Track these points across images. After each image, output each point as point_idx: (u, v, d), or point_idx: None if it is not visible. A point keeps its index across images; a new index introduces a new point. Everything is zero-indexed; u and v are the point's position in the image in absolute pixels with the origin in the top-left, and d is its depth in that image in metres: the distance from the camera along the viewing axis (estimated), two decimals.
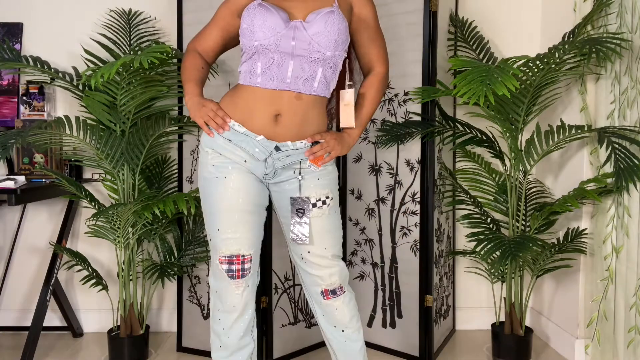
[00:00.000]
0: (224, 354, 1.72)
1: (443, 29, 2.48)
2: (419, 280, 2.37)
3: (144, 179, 2.48)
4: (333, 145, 1.69)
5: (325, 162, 1.69)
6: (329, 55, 1.61)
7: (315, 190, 1.68)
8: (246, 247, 1.66)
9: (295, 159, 1.67)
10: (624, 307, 2.06)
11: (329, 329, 1.76)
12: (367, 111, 1.76)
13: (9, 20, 2.68)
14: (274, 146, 1.64)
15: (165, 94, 2.41)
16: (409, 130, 2.32)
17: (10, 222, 2.76)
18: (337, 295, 1.72)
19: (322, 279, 1.70)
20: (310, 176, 1.68)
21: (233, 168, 1.65)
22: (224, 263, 1.66)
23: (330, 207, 1.70)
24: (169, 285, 2.72)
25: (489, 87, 1.74)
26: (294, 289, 2.43)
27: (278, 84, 1.61)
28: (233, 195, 1.64)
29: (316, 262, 1.70)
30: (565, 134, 2.15)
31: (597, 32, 2.20)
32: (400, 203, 2.42)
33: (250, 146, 1.64)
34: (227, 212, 1.64)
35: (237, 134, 1.64)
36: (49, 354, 2.50)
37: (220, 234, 1.65)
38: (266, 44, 1.59)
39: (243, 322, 1.70)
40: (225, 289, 1.67)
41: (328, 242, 1.70)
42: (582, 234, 2.29)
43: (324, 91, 1.66)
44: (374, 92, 1.76)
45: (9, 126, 2.57)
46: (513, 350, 2.32)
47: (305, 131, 1.66)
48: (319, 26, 1.59)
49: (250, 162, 1.65)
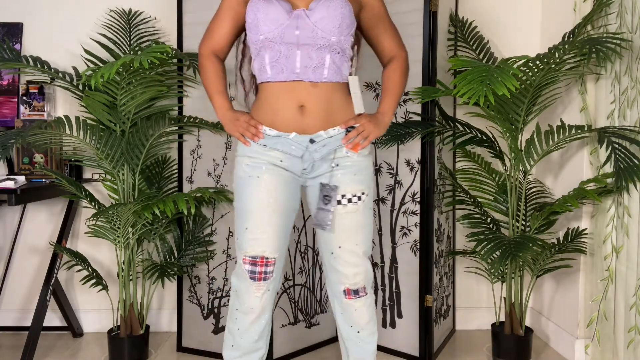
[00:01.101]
0: (235, 354, 1.71)
1: (443, 29, 2.48)
2: (419, 280, 2.37)
3: (144, 179, 2.48)
4: (369, 128, 1.67)
5: (364, 146, 1.68)
6: (335, 41, 1.61)
7: (352, 185, 1.67)
8: (271, 249, 1.66)
9: (331, 147, 1.66)
10: (624, 307, 2.06)
11: (345, 328, 1.76)
12: (396, 92, 1.74)
13: (9, 20, 2.68)
14: (308, 140, 1.64)
15: (165, 94, 2.41)
16: (409, 130, 2.32)
17: (10, 222, 2.76)
18: (359, 296, 1.72)
19: (347, 277, 1.70)
20: (347, 170, 1.67)
21: (267, 169, 1.65)
22: (247, 263, 1.65)
23: (365, 204, 1.69)
24: (169, 285, 2.72)
25: (489, 87, 1.74)
26: (294, 289, 2.43)
27: (288, 75, 1.61)
28: (264, 195, 1.64)
29: (346, 258, 1.69)
30: (565, 134, 2.15)
31: (597, 32, 2.20)
32: (400, 203, 2.42)
33: (285, 146, 1.64)
34: (257, 212, 1.64)
35: (270, 137, 1.65)
36: (49, 354, 2.50)
37: (247, 234, 1.65)
38: (271, 36, 1.59)
39: (259, 325, 1.69)
40: (246, 290, 1.67)
41: (360, 237, 1.69)
42: (582, 234, 2.29)
43: (335, 77, 1.65)
44: (399, 74, 1.75)
45: (9, 126, 2.57)
46: (513, 350, 2.32)
47: (334, 118, 1.65)
48: (321, 12, 1.59)
49: (287, 161, 1.65)
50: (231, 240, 2.42)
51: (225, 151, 2.42)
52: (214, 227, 2.45)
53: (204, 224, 2.47)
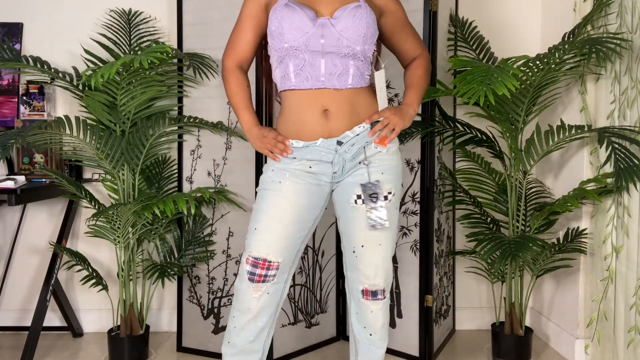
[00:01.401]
0: (230, 351, 1.71)
1: (443, 29, 2.48)
2: (419, 280, 2.37)
3: (144, 179, 2.48)
4: (395, 120, 1.66)
5: (391, 139, 1.67)
6: (359, 50, 1.61)
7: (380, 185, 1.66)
8: (276, 253, 1.64)
9: (359, 145, 1.65)
10: (624, 307, 2.06)
11: (358, 329, 1.76)
12: (421, 85, 1.75)
13: (9, 20, 2.68)
14: (335, 142, 1.64)
15: (165, 94, 2.41)
16: (409, 130, 2.32)
17: (10, 222, 2.76)
18: (377, 298, 1.71)
19: (367, 277, 1.69)
20: (376, 169, 1.66)
21: (291, 175, 1.65)
22: (249, 264, 1.64)
23: (392, 203, 1.69)
24: (169, 285, 2.72)
25: (489, 87, 1.74)
26: (294, 289, 2.43)
27: (313, 83, 1.61)
28: (281, 200, 1.64)
29: (368, 257, 1.68)
30: (565, 134, 2.15)
31: (597, 32, 2.20)
32: (400, 203, 2.42)
33: (315, 154, 1.64)
34: (270, 215, 1.64)
35: (298, 149, 1.65)
36: (49, 354, 2.50)
37: (255, 234, 1.65)
38: (296, 45, 1.59)
39: (256, 326, 1.68)
40: (244, 290, 1.66)
41: (383, 238, 1.68)
42: (582, 234, 2.29)
43: (359, 82, 1.65)
44: (423, 70, 1.76)
45: (9, 126, 2.57)
46: (513, 350, 2.32)
47: (358, 118, 1.65)
48: (347, 21, 1.59)
49: (316, 167, 1.65)
50: (231, 240, 2.42)
51: (225, 151, 2.42)
52: (214, 227, 2.45)
53: (204, 224, 2.47)
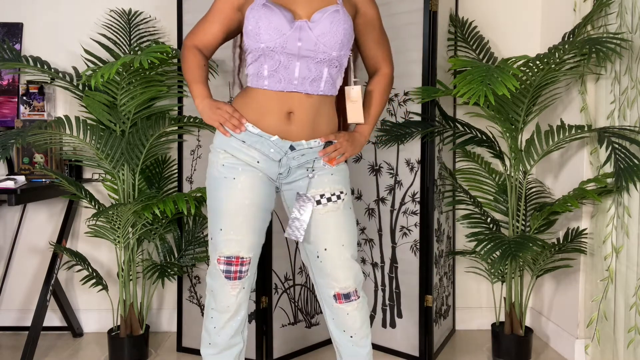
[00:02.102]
0: (212, 352, 1.73)
1: (443, 29, 2.48)
2: (419, 280, 2.37)
3: (144, 179, 2.48)
4: (346, 146, 1.70)
5: (339, 162, 1.70)
6: (335, 56, 1.61)
7: (330, 185, 1.68)
8: (246, 249, 1.66)
9: (309, 157, 1.67)
10: (624, 307, 2.06)
11: (337, 334, 1.74)
12: (376, 110, 1.77)
13: (9, 20, 2.68)
14: (288, 146, 1.64)
15: (165, 94, 2.41)
16: (409, 130, 2.32)
17: (10, 222, 2.76)
18: (351, 300, 1.69)
19: (337, 281, 1.67)
20: (324, 172, 1.68)
21: (243, 170, 1.64)
22: (222, 263, 1.65)
23: (345, 203, 1.69)
24: (169, 285, 2.72)
25: (489, 87, 1.74)
26: (294, 289, 2.43)
27: (286, 85, 1.61)
28: (240, 197, 1.63)
29: (333, 260, 1.67)
30: (565, 134, 2.15)
31: (597, 32, 2.20)
32: (400, 203, 2.42)
33: (265, 147, 1.64)
34: (232, 214, 1.64)
35: (251, 135, 1.64)
36: (49, 354, 2.50)
37: (222, 234, 1.65)
38: (272, 46, 1.58)
39: (235, 322, 1.70)
40: (221, 289, 1.67)
41: (345, 238, 1.68)
42: (582, 234, 2.29)
43: (330, 90, 1.66)
44: (381, 91, 1.77)
45: (9, 126, 2.57)
46: (513, 350, 2.33)
47: (318, 129, 1.67)
48: (324, 26, 1.58)
49: (264, 163, 1.65)
50: None
51: None
52: None
53: (204, 224, 2.47)
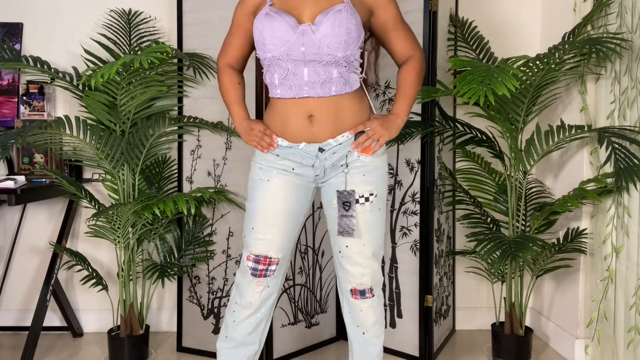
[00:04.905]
0: (228, 345, 1.75)
1: (443, 29, 2.48)
2: (419, 280, 2.37)
3: (144, 179, 2.48)
4: (380, 131, 1.66)
5: (375, 150, 1.68)
6: (341, 56, 1.60)
7: (359, 186, 1.67)
8: (275, 250, 1.70)
9: (341, 153, 1.67)
10: (624, 307, 2.06)
11: (352, 328, 1.79)
12: (412, 91, 1.72)
13: (9, 20, 2.68)
14: (317, 149, 1.66)
15: (165, 94, 2.41)
16: (409, 130, 2.32)
17: (10, 222, 2.76)
18: (365, 297, 1.73)
19: (354, 277, 1.71)
20: (357, 171, 1.67)
21: (278, 173, 1.69)
22: (251, 261, 1.70)
23: (373, 205, 1.69)
24: (169, 285, 2.72)
25: (489, 87, 1.74)
26: (294, 289, 2.43)
27: (297, 91, 1.62)
28: (272, 198, 1.68)
29: (353, 257, 1.70)
30: (565, 134, 2.15)
31: (597, 32, 2.20)
32: (400, 203, 2.42)
33: (296, 156, 1.67)
34: (263, 214, 1.68)
35: (283, 148, 1.68)
36: (49, 354, 2.50)
37: (253, 233, 1.70)
38: (278, 54, 1.59)
39: (255, 319, 1.73)
40: (247, 285, 1.71)
41: (367, 238, 1.69)
42: (582, 234, 2.29)
43: (344, 89, 1.64)
44: (415, 75, 1.72)
45: (9, 126, 2.57)
46: (513, 350, 2.32)
47: (342, 125, 1.66)
48: (326, 28, 1.57)
49: (299, 169, 1.69)
50: (231, 240, 2.42)
51: (225, 151, 2.42)
52: (214, 227, 2.45)
53: (204, 224, 2.47)
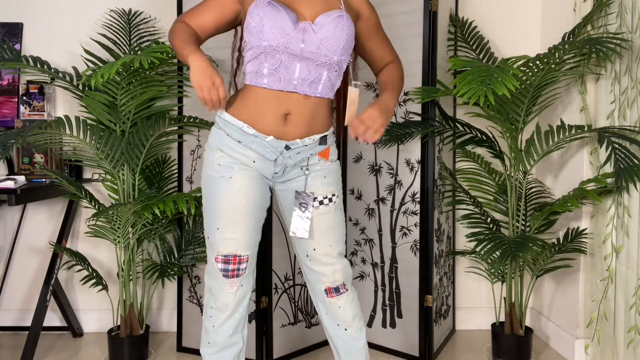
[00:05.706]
0: (211, 351, 1.74)
1: (443, 29, 2.48)
2: (419, 280, 2.37)
3: (144, 179, 2.48)
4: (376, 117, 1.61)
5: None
6: (336, 60, 1.62)
7: (322, 188, 1.70)
8: (243, 247, 1.67)
9: (304, 155, 1.68)
10: (624, 307, 2.06)
11: (332, 328, 1.78)
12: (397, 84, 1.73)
13: (9, 20, 2.68)
14: (284, 145, 1.65)
15: (165, 94, 2.41)
16: (409, 130, 2.32)
17: (10, 222, 2.76)
18: (340, 293, 1.74)
19: (326, 276, 1.72)
20: (317, 174, 1.70)
21: (239, 169, 1.65)
22: (220, 262, 1.66)
23: (336, 205, 1.72)
24: (169, 285, 2.72)
25: (489, 87, 1.74)
26: (294, 289, 2.43)
27: (285, 85, 1.61)
28: (236, 195, 1.65)
29: (321, 259, 1.71)
30: (565, 134, 2.15)
31: (597, 32, 2.20)
32: (400, 203, 2.42)
33: (260, 147, 1.64)
34: (229, 212, 1.65)
35: (247, 135, 1.64)
36: (49, 354, 2.50)
37: (219, 233, 1.66)
38: (275, 45, 1.58)
39: (234, 320, 1.71)
40: (219, 287, 1.68)
41: (333, 239, 1.72)
42: (582, 234, 2.29)
43: (328, 93, 1.67)
44: (397, 73, 1.76)
45: (9, 126, 2.57)
46: (513, 350, 2.32)
47: (313, 129, 1.68)
48: (328, 30, 1.59)
49: (259, 162, 1.66)
50: None
51: None
52: None
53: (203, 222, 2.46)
